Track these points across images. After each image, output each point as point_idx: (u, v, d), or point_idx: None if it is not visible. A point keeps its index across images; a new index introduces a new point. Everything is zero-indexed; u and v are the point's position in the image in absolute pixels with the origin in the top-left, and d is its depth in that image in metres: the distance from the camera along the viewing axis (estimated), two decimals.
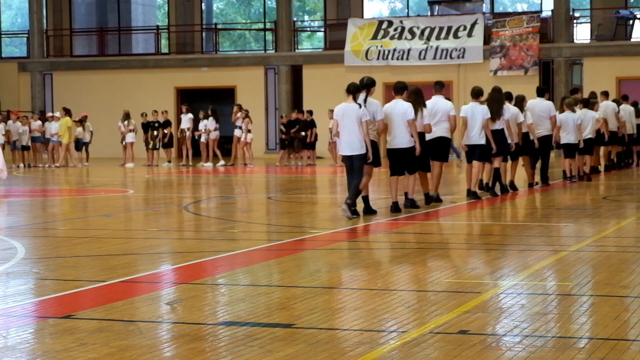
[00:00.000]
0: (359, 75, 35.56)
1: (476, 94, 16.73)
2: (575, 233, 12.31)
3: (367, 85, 13.88)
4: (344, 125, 13.40)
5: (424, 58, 34.41)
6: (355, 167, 13.44)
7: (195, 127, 30.99)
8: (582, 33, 35.78)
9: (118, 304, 7.49)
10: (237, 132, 29.84)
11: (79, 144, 31.74)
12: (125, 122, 31.24)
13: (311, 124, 30.12)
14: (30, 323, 6.99)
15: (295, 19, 38.80)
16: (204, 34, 41.22)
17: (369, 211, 14.04)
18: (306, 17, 48.39)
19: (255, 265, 9.77)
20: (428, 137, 15.36)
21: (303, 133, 29.94)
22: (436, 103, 15.85)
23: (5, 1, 45.35)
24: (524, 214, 15.62)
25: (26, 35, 40.19)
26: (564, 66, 33.57)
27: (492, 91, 17.13)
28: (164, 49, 40.51)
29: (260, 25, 43.16)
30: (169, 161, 31.32)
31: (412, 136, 14.37)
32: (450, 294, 7.86)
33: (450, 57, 34.19)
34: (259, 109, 36.17)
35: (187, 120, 31.22)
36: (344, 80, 34.51)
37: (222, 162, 30.33)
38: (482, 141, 16.47)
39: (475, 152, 16.54)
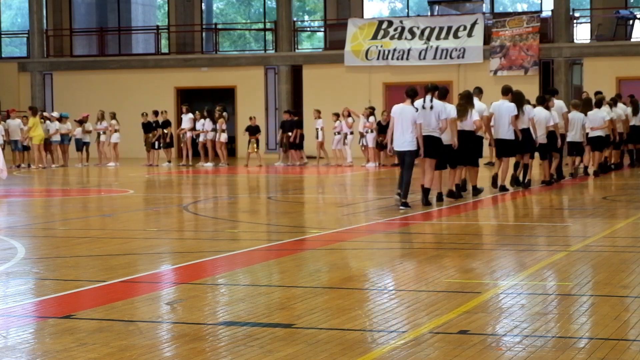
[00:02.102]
0: (359, 75, 35.98)
1: (505, 91, 17.84)
2: (575, 233, 12.31)
3: (431, 89, 15.71)
4: (400, 124, 14.91)
5: (424, 58, 34.40)
6: (407, 162, 14.90)
7: (194, 127, 31.14)
8: (582, 33, 35.77)
9: (118, 304, 7.49)
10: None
11: (79, 144, 31.77)
12: (102, 123, 31.47)
13: (297, 125, 30.27)
14: (30, 323, 6.99)
15: (295, 19, 38.79)
16: (204, 34, 41.20)
17: (426, 202, 15.34)
18: (306, 17, 48.38)
19: (255, 265, 9.77)
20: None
21: (290, 133, 30.10)
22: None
23: (5, 1, 45.34)
24: (524, 214, 15.62)
25: (26, 35, 40.18)
26: (564, 66, 33.55)
27: (513, 93, 17.93)
28: (164, 49, 40.50)
29: (260, 25, 43.15)
30: (169, 161, 31.33)
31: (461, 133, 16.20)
32: (450, 294, 7.86)
33: (450, 57, 34.17)
34: (259, 109, 36.16)
35: (187, 120, 31.26)
36: (344, 80, 35.12)
37: (210, 162, 30.45)
38: (512, 137, 17.62)
39: (505, 147, 17.63)
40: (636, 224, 13.18)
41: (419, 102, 15.21)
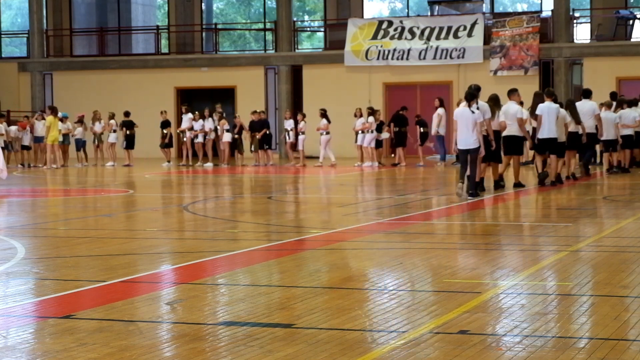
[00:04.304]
0: (359, 75, 36.01)
1: (551, 94, 19.37)
2: (575, 233, 12.31)
3: (475, 90, 16.99)
4: (461, 125, 16.48)
5: (424, 58, 34.40)
6: (471, 158, 16.51)
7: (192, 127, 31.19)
8: (582, 33, 35.77)
9: (118, 304, 7.49)
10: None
11: (79, 144, 31.77)
12: (112, 121, 31.77)
13: (265, 124, 30.44)
14: (30, 323, 6.99)
15: (295, 19, 38.78)
16: (204, 34, 41.21)
17: (474, 194, 16.64)
18: (306, 17, 48.38)
19: (255, 265, 9.77)
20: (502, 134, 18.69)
21: (259, 134, 30.25)
22: (509, 107, 18.92)
23: (5, 1, 45.34)
24: (524, 214, 15.62)
25: (26, 35, 40.18)
26: (564, 66, 33.55)
27: (535, 95, 19.87)
28: (164, 49, 40.50)
29: (260, 25, 43.16)
30: (169, 161, 31.32)
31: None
32: (450, 294, 7.86)
33: (450, 57, 34.17)
34: (258, 109, 36.17)
35: (187, 120, 31.27)
36: (344, 80, 35.15)
37: (209, 163, 30.46)
38: (555, 135, 18.96)
39: (550, 146, 18.99)
40: (636, 224, 13.18)
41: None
